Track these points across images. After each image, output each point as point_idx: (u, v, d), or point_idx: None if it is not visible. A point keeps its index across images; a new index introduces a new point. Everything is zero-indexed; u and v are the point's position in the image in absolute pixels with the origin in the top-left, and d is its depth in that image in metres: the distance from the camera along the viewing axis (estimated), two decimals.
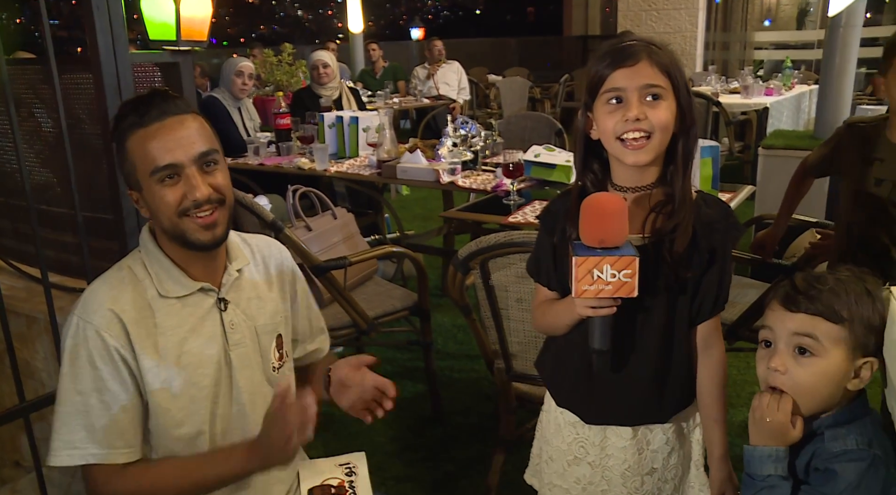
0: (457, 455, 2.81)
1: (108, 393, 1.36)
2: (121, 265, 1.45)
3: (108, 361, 1.36)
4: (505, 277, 2.16)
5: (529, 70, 11.95)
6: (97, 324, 1.35)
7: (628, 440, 1.54)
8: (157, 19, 2.07)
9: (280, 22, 42.68)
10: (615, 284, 1.26)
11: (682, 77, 1.37)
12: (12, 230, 2.74)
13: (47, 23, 1.80)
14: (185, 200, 1.36)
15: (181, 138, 1.35)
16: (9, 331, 1.86)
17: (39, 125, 2.55)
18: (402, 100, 7.94)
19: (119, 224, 2.03)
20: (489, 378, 2.73)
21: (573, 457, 1.60)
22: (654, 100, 1.34)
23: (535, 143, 3.61)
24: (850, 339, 1.17)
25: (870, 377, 1.20)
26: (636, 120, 1.33)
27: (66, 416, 1.36)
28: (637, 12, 9.79)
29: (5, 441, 2.68)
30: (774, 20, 12.33)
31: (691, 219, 1.39)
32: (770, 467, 1.21)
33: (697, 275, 1.42)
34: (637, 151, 1.35)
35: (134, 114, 1.35)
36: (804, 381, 1.19)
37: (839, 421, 1.20)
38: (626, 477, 1.55)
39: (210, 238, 1.40)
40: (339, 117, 4.36)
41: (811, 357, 1.19)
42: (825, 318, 1.17)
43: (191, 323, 1.44)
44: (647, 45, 1.36)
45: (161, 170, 1.34)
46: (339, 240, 3.07)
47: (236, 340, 1.49)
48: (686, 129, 1.38)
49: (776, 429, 1.20)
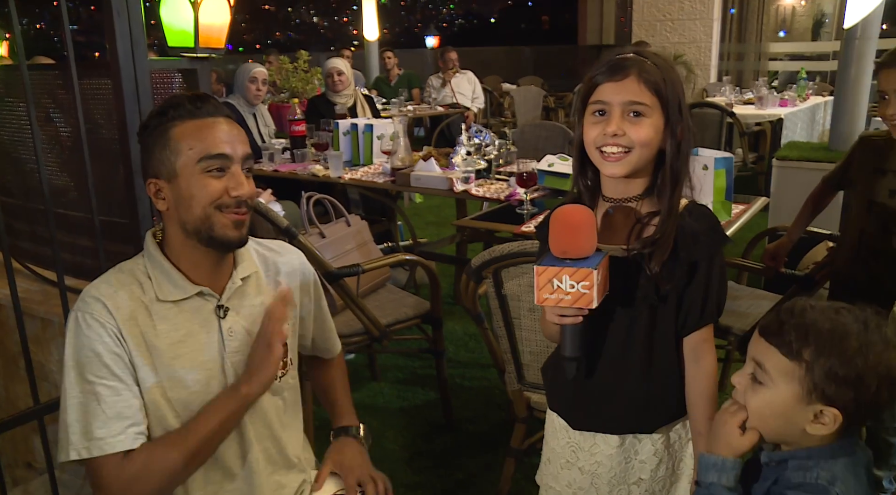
0: (467, 463, 2.81)
1: (115, 378, 1.35)
2: (121, 267, 1.46)
3: (111, 344, 1.36)
4: (518, 286, 2.16)
5: (544, 79, 11.95)
6: (95, 312, 1.36)
7: (615, 448, 1.54)
8: (176, 26, 2.08)
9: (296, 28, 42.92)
10: (574, 295, 1.28)
11: (674, 94, 1.38)
12: (29, 233, 2.76)
13: (68, 30, 1.82)
14: (226, 196, 1.38)
15: (234, 136, 1.40)
16: (25, 333, 1.88)
17: (57, 129, 2.58)
18: (417, 107, 7.96)
19: (135, 227, 2.05)
20: (500, 386, 2.73)
21: (565, 461, 1.61)
22: (635, 116, 1.36)
23: (549, 153, 3.62)
24: (805, 381, 1.11)
25: (832, 427, 1.12)
26: (614, 135, 1.36)
27: (77, 408, 1.34)
28: (652, 22, 9.79)
29: (18, 442, 2.70)
30: (790, 31, 12.31)
31: (672, 232, 1.40)
32: (713, 475, 1.22)
33: (679, 288, 1.43)
34: (613, 164, 1.38)
35: (185, 106, 1.38)
36: (751, 406, 1.19)
37: (811, 455, 1.17)
38: (612, 484, 1.56)
39: (237, 236, 1.42)
40: (353, 125, 4.38)
41: (760, 385, 1.17)
42: (780, 351, 1.14)
43: (186, 327, 1.44)
44: (640, 60, 1.38)
45: (213, 157, 1.37)
46: (352, 248, 3.08)
47: (234, 348, 1.48)
48: (674, 146, 1.39)
49: (724, 438, 1.22)
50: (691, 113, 1.45)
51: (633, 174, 1.41)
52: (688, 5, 9.57)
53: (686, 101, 1.43)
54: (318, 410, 3.09)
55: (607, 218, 1.47)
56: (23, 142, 2.71)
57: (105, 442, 1.33)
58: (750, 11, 10.57)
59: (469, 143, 3.87)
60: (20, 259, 2.69)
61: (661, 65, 1.39)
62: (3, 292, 2.61)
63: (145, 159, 1.42)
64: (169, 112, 1.38)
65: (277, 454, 1.58)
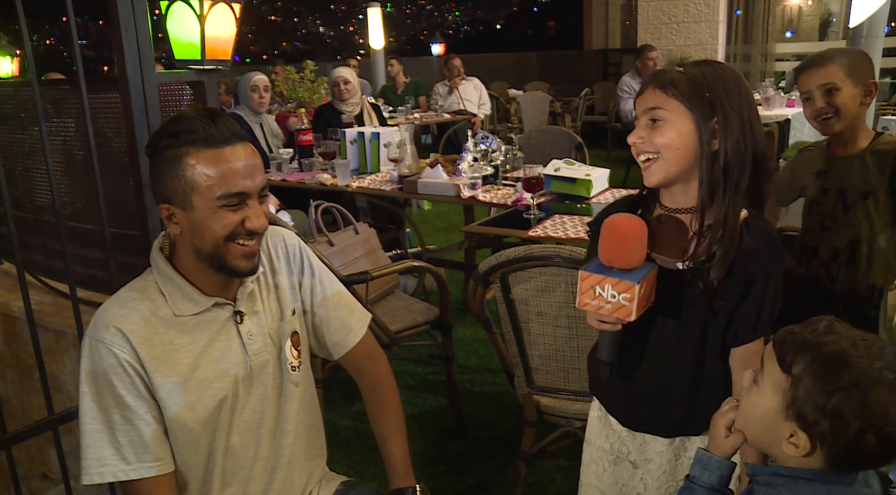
0: (479, 468, 2.81)
1: (128, 408, 1.36)
2: (132, 286, 1.44)
3: (124, 376, 1.36)
4: (525, 291, 2.17)
5: (550, 84, 11.96)
6: (108, 341, 1.35)
7: (666, 445, 1.56)
8: (183, 39, 2.11)
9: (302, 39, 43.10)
10: (614, 305, 1.29)
11: (699, 95, 1.34)
12: (40, 246, 2.79)
13: (77, 45, 1.84)
14: (240, 227, 1.37)
15: (252, 167, 1.37)
16: (39, 345, 1.90)
17: (67, 143, 2.61)
18: (424, 115, 7.98)
19: (145, 240, 2.07)
20: (511, 391, 2.74)
21: (615, 457, 1.62)
22: (653, 123, 1.38)
23: (556, 158, 3.63)
24: (788, 395, 1.08)
25: (802, 452, 1.08)
26: (633, 144, 1.40)
27: (91, 434, 1.36)
28: (657, 26, 9.78)
29: (34, 453, 2.72)
30: (796, 31, 12.28)
31: (732, 249, 1.35)
32: (696, 470, 1.24)
33: (732, 305, 1.40)
34: (645, 173, 1.41)
35: (199, 131, 1.33)
36: (742, 404, 1.19)
37: (783, 473, 1.13)
38: (661, 481, 1.57)
39: (249, 267, 1.42)
40: (360, 133, 4.40)
41: (755, 386, 1.16)
42: (777, 359, 1.11)
43: (206, 339, 1.45)
44: (663, 72, 1.39)
45: (232, 196, 1.34)
46: (361, 255, 3.09)
47: (256, 350, 1.50)
48: (708, 152, 1.35)
49: (712, 437, 1.24)
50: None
51: (680, 182, 1.40)
52: (693, 8, 9.56)
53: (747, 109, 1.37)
54: (329, 417, 3.11)
55: (661, 226, 1.45)
56: (34, 156, 2.75)
57: (118, 468, 1.37)
58: (756, 12, 10.55)
59: (476, 150, 3.88)
60: (32, 271, 2.71)
61: (703, 71, 1.37)
62: (17, 305, 2.64)
63: (156, 180, 1.38)
64: (182, 136, 1.33)
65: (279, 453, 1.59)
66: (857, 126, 2.15)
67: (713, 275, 1.36)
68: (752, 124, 1.36)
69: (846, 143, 2.19)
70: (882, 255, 2.20)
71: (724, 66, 1.41)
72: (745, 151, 1.35)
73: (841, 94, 2.09)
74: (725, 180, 1.35)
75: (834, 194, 2.21)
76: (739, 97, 1.36)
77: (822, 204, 2.24)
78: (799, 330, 1.11)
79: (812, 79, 2.13)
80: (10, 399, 2.75)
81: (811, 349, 1.07)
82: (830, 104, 2.10)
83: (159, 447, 1.40)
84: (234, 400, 1.48)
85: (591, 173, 3.38)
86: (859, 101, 2.11)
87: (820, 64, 2.11)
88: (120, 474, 1.36)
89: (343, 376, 2.25)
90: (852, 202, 2.18)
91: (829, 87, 2.10)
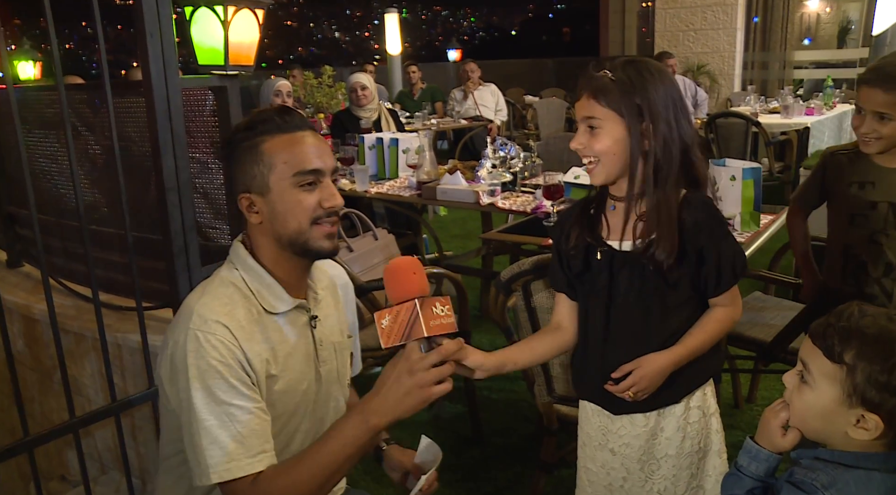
0: (497, 476, 2.80)
1: (244, 398, 1.34)
2: (223, 281, 1.43)
3: (236, 368, 1.34)
4: (546, 299, 2.16)
5: (566, 91, 11.94)
6: (218, 333, 1.34)
7: (641, 428, 1.64)
8: (207, 44, 2.11)
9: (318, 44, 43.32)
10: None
11: (628, 103, 1.47)
12: (61, 249, 2.80)
13: (104, 55, 1.86)
14: (319, 208, 1.41)
15: (322, 149, 1.44)
16: (61, 348, 1.91)
17: (89, 147, 2.62)
18: (440, 121, 7.99)
19: (167, 244, 2.07)
20: (528, 399, 2.73)
21: (598, 444, 1.72)
22: (591, 130, 1.51)
23: (574, 165, 3.61)
24: (847, 384, 1.12)
25: (874, 433, 1.12)
26: (576, 150, 1.55)
27: (211, 431, 1.31)
28: (674, 33, 9.77)
29: (52, 455, 2.73)
30: (815, 39, 12.24)
31: (672, 231, 1.49)
32: (744, 459, 1.28)
33: (692, 273, 1.55)
34: (590, 174, 1.56)
35: (274, 120, 1.41)
36: (795, 405, 1.21)
37: (826, 457, 1.18)
38: (642, 461, 1.65)
39: (332, 247, 1.46)
40: (379, 139, 4.41)
41: (804, 385, 1.19)
42: (823, 353, 1.15)
43: (293, 339, 1.46)
44: (592, 78, 1.51)
45: (307, 173, 1.40)
46: (380, 261, 3.09)
47: (324, 357, 1.53)
48: (639, 151, 1.49)
49: (765, 431, 1.26)
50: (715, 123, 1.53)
51: (622, 177, 1.54)
52: (710, 15, 9.55)
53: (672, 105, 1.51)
54: None
55: (611, 214, 1.60)
56: (56, 160, 2.77)
57: (244, 462, 1.31)
58: (774, 20, 10.51)
59: (494, 156, 3.88)
60: (53, 274, 2.73)
61: (630, 75, 1.49)
62: (38, 307, 2.66)
63: (234, 172, 1.44)
64: (258, 126, 1.41)
65: None
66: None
67: (659, 257, 1.49)
68: (677, 120, 1.50)
69: (892, 155, 2.13)
70: None
71: (649, 63, 1.54)
72: (672, 146, 1.50)
73: (891, 124, 2.05)
74: (656, 174, 1.50)
75: (885, 207, 2.14)
76: (665, 95, 1.50)
77: (870, 217, 2.17)
78: (834, 320, 1.16)
79: (871, 99, 2.08)
80: (30, 401, 2.76)
81: (856, 334, 1.12)
82: (877, 131, 2.07)
83: (269, 439, 1.37)
84: (307, 405, 1.50)
85: None
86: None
87: (882, 86, 2.04)
88: (247, 467, 1.31)
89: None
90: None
91: (883, 113, 2.05)
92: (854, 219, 2.22)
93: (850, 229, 2.24)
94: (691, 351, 1.57)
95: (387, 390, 1.30)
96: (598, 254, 1.59)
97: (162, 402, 1.46)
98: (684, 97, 1.56)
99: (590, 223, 1.63)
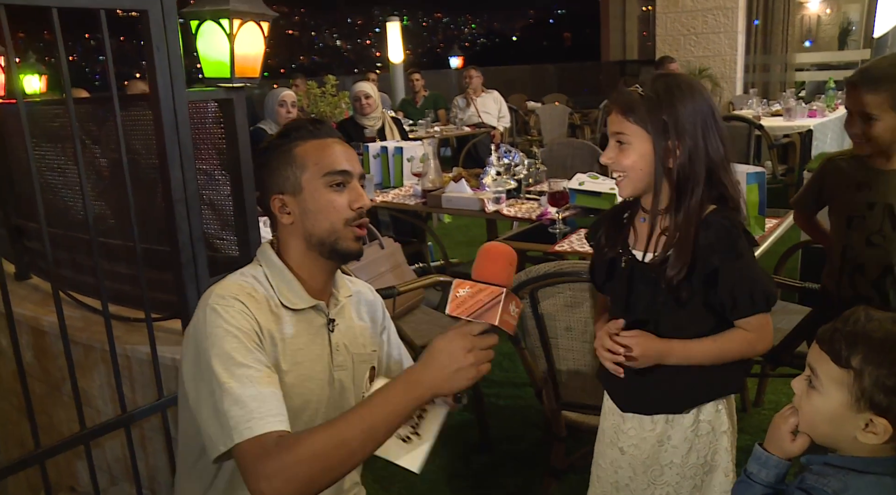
0: (505, 482, 2.80)
1: (261, 363, 1.34)
2: (244, 272, 1.51)
3: (252, 335, 1.37)
4: (553, 306, 2.17)
5: (568, 96, 11.98)
6: (237, 307, 1.38)
7: (649, 432, 1.67)
8: (212, 57, 2.12)
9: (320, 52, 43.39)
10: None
11: (655, 120, 1.49)
12: (69, 261, 2.82)
13: (111, 68, 1.87)
14: (349, 210, 1.49)
15: (351, 155, 1.55)
16: (72, 360, 1.92)
17: (95, 158, 2.64)
18: (444, 128, 8.00)
19: (175, 255, 2.08)
20: (536, 405, 2.73)
21: (609, 441, 1.75)
22: (620, 145, 1.55)
23: (578, 170, 3.63)
24: (855, 388, 1.13)
25: (883, 437, 1.13)
26: (606, 163, 1.59)
27: (232, 391, 1.29)
28: (676, 37, 9.78)
29: (61, 466, 2.74)
30: (816, 41, 12.23)
31: (688, 244, 1.51)
32: (754, 466, 1.29)
33: (701, 294, 1.55)
34: (618, 187, 1.60)
35: (307, 127, 1.53)
36: (804, 410, 1.22)
37: (836, 463, 1.18)
38: (647, 464, 1.67)
39: (359, 248, 1.53)
40: (383, 147, 4.43)
41: (813, 390, 1.20)
42: (831, 358, 1.16)
43: (305, 337, 1.50)
44: (623, 93, 1.54)
45: (337, 173, 1.49)
46: (386, 270, 3.10)
47: (339, 362, 1.56)
48: (663, 167, 1.52)
49: (775, 436, 1.27)
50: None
51: (649, 192, 1.56)
52: (711, 19, 9.56)
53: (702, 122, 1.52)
54: None
55: (640, 225, 1.63)
56: (63, 172, 2.78)
57: (266, 420, 1.28)
58: (774, 22, 10.51)
59: (499, 163, 3.89)
60: (61, 286, 2.74)
61: (659, 91, 1.51)
62: (47, 319, 2.67)
63: (267, 177, 1.52)
64: (291, 133, 1.52)
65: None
66: (894, 144, 2.12)
67: (670, 272, 1.51)
68: (706, 137, 1.52)
69: (889, 157, 2.15)
70: None
71: (680, 78, 1.56)
72: (697, 164, 1.52)
73: (878, 125, 2.07)
74: (680, 191, 1.53)
75: (881, 209, 2.16)
76: (694, 112, 1.51)
77: (867, 219, 2.19)
78: (840, 326, 1.17)
79: (856, 100, 2.11)
80: (39, 413, 2.77)
81: (863, 339, 1.13)
82: (865, 132, 2.10)
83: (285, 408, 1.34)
84: (317, 406, 1.52)
85: (615, 187, 3.37)
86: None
87: (868, 88, 2.07)
88: (268, 425, 1.27)
89: None
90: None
91: (868, 114, 2.08)
92: (852, 221, 2.24)
93: (848, 232, 2.25)
94: (690, 352, 1.58)
95: (442, 364, 1.30)
96: (622, 262, 1.63)
97: (183, 404, 1.47)
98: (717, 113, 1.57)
99: (620, 230, 1.67)
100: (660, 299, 1.57)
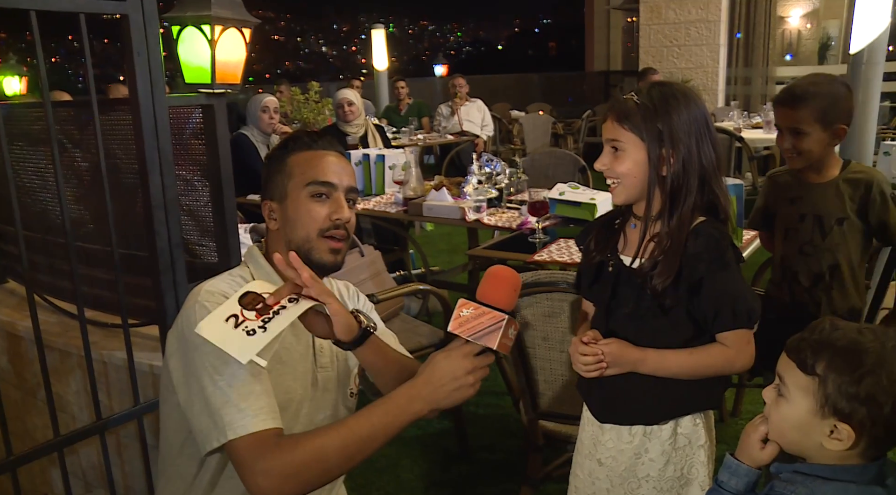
0: (483, 491, 2.80)
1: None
2: (232, 273, 1.54)
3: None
4: (531, 316, 2.17)
5: (552, 105, 12.02)
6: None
7: (626, 444, 1.66)
8: (193, 63, 2.12)
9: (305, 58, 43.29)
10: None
11: (650, 128, 1.50)
12: (47, 265, 2.79)
13: (91, 73, 1.87)
14: (327, 220, 1.50)
15: (342, 168, 1.55)
16: (46, 366, 1.90)
17: (75, 162, 2.62)
18: (427, 136, 8.01)
19: (153, 261, 2.07)
20: (515, 415, 2.73)
21: (587, 452, 1.74)
22: (615, 151, 1.56)
23: (560, 180, 3.65)
24: (819, 395, 1.14)
25: (847, 444, 1.14)
26: (600, 170, 1.60)
27: (225, 389, 1.30)
28: (659, 48, 9.86)
29: (35, 473, 2.71)
30: (796, 55, 12.35)
31: (676, 253, 1.52)
32: (725, 475, 1.30)
33: (685, 303, 1.55)
34: (612, 193, 1.61)
35: (304, 139, 1.56)
36: (773, 419, 1.24)
37: (805, 470, 1.20)
38: (623, 477, 1.67)
39: (333, 261, 1.53)
40: (365, 155, 4.43)
41: (781, 398, 1.21)
42: (797, 366, 1.18)
43: (288, 337, 1.51)
44: (619, 101, 1.55)
45: (319, 184, 1.50)
46: (366, 278, 3.10)
47: (323, 363, 1.57)
48: (656, 175, 1.52)
49: (745, 445, 1.28)
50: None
51: (642, 198, 1.56)
52: (694, 31, 9.65)
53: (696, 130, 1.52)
54: None
55: (631, 231, 1.64)
56: (42, 175, 2.76)
57: (262, 416, 1.30)
58: (756, 36, 10.63)
59: (480, 172, 3.90)
60: (38, 291, 2.72)
61: (654, 99, 1.52)
62: (23, 324, 2.64)
63: (264, 184, 1.57)
64: (290, 144, 1.56)
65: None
66: (825, 158, 2.22)
67: (657, 280, 1.52)
68: (699, 146, 1.52)
69: (819, 171, 2.25)
70: (860, 279, 2.28)
71: (676, 87, 1.57)
72: (691, 173, 1.52)
73: (807, 139, 2.16)
74: (672, 199, 1.54)
75: (811, 220, 2.26)
76: (689, 121, 1.52)
77: (799, 230, 2.29)
78: (807, 335, 1.19)
79: (783, 117, 2.21)
80: (13, 419, 2.74)
81: (827, 347, 1.15)
82: (795, 147, 2.18)
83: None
84: (298, 406, 1.52)
85: (596, 197, 3.39)
86: (826, 143, 2.18)
87: (793, 105, 2.17)
88: (262, 423, 1.28)
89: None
90: (829, 228, 2.23)
91: (796, 129, 2.17)
92: (787, 232, 2.33)
93: (785, 243, 2.35)
94: (665, 363, 1.57)
95: (442, 382, 1.34)
96: (609, 266, 1.64)
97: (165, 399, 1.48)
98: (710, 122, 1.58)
99: (610, 235, 1.68)
100: (643, 304, 1.57)
